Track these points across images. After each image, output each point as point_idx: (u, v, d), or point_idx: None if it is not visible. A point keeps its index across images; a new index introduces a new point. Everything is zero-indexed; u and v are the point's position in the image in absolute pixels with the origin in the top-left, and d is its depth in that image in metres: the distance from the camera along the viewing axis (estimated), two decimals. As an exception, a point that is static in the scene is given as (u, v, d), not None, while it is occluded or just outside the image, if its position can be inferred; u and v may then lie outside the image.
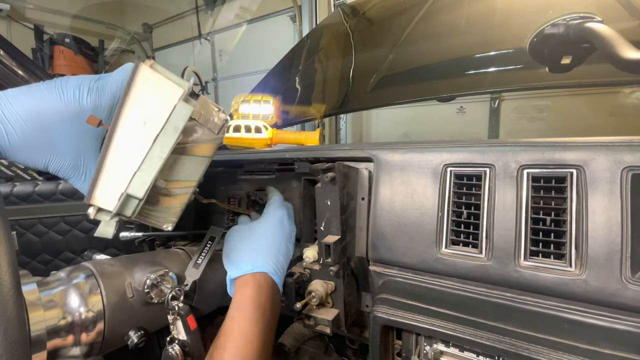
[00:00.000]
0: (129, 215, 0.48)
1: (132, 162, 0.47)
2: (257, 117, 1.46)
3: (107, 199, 0.47)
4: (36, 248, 1.02)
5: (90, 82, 0.50)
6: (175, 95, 0.48)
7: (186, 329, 0.57)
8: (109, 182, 0.47)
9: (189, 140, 0.54)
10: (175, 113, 0.47)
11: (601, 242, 0.45)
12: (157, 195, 0.53)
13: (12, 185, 0.99)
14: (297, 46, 1.95)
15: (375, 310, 0.55)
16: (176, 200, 0.55)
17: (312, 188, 0.68)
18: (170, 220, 0.55)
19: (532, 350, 0.42)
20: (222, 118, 0.56)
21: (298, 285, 0.67)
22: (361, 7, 1.76)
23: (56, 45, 4.93)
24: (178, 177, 0.54)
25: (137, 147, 0.47)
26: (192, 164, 0.55)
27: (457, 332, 0.47)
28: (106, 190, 0.47)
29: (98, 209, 0.48)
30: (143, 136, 0.47)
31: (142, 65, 0.47)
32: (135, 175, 0.47)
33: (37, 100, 0.48)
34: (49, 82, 0.50)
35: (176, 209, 0.55)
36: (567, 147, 0.50)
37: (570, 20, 1.02)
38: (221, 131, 0.56)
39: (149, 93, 0.47)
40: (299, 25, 3.92)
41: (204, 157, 0.56)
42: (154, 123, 0.47)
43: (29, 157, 0.50)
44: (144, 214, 0.53)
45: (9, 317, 0.32)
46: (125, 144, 0.47)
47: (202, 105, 0.54)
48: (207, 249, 0.59)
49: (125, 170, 0.47)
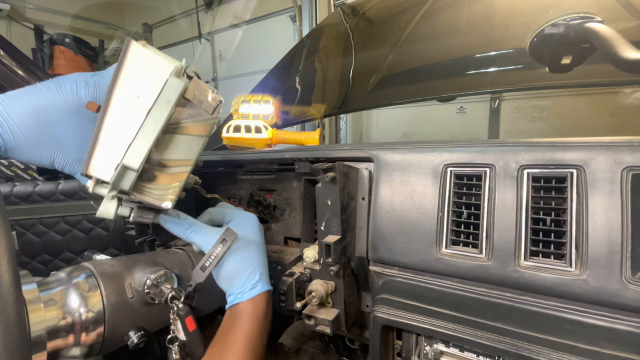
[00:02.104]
0: (126, 188, 0.49)
1: (127, 134, 0.48)
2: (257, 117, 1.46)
3: (104, 169, 0.48)
4: (36, 248, 1.02)
5: (86, 77, 0.52)
6: (167, 70, 0.50)
7: (185, 330, 0.57)
8: (105, 153, 0.48)
9: (184, 120, 0.55)
10: (167, 87, 0.49)
11: (601, 242, 0.45)
12: (155, 171, 0.54)
13: (12, 185, 0.99)
14: (297, 46, 1.95)
15: (375, 310, 0.55)
16: (174, 178, 0.56)
17: (312, 188, 0.68)
18: (169, 197, 0.55)
19: (532, 351, 0.42)
20: (216, 99, 0.57)
21: (298, 285, 0.67)
22: (361, 7, 1.76)
23: (56, 45, 4.93)
24: (176, 155, 0.55)
25: (131, 120, 0.49)
26: (188, 142, 0.56)
27: (457, 332, 0.47)
28: (102, 160, 0.48)
29: (96, 182, 0.49)
30: (137, 109, 0.49)
31: (134, 42, 0.49)
32: (130, 146, 0.48)
33: (37, 98, 0.50)
34: (46, 81, 0.52)
35: (175, 187, 0.56)
36: (567, 147, 0.50)
37: (571, 20, 1.02)
38: (216, 111, 0.58)
39: (141, 68, 0.49)
40: (299, 25, 3.92)
41: (200, 136, 0.57)
42: (147, 96, 0.49)
43: (35, 154, 0.51)
44: (142, 191, 0.53)
45: (9, 316, 0.32)
46: (119, 116, 0.49)
47: (196, 87, 0.55)
48: (217, 252, 0.59)
49: (121, 141, 0.48)
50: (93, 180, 0.49)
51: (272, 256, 0.76)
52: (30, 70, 0.97)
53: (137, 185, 0.51)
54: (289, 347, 0.88)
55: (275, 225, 0.85)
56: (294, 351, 0.90)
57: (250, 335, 0.57)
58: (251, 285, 0.60)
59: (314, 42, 1.89)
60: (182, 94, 0.51)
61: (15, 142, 0.49)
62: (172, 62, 0.50)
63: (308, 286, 0.64)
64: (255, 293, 0.60)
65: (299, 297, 0.67)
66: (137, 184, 0.51)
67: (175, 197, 0.56)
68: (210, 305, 0.71)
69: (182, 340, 0.58)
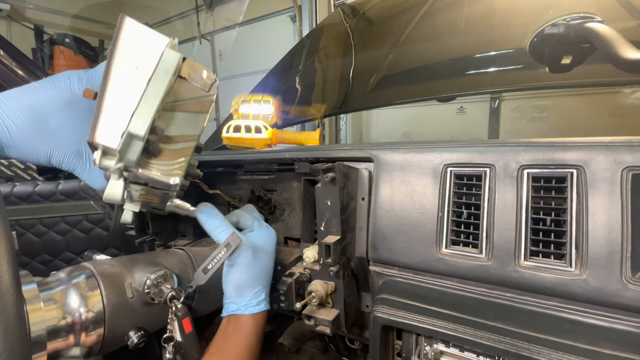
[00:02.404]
0: (133, 159, 0.49)
1: (130, 102, 0.49)
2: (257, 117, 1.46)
3: (110, 136, 0.49)
4: (36, 248, 1.02)
5: (79, 73, 0.54)
6: (162, 42, 0.51)
7: (181, 331, 0.57)
8: (110, 121, 0.49)
9: (183, 98, 0.56)
10: (164, 58, 0.50)
11: (601, 242, 0.45)
12: (159, 144, 0.54)
13: (12, 185, 0.99)
14: (297, 46, 1.95)
15: (375, 310, 0.55)
16: (179, 153, 0.56)
17: (312, 188, 0.68)
18: (176, 173, 0.55)
19: (532, 351, 0.42)
20: (210, 77, 0.58)
21: (298, 285, 0.67)
22: (361, 7, 1.76)
23: (56, 45, 4.93)
24: (179, 132, 0.56)
25: (132, 89, 0.50)
26: (189, 118, 0.57)
27: (457, 332, 0.47)
28: (108, 128, 0.49)
29: (102, 153, 0.49)
30: (137, 79, 0.50)
31: (127, 17, 0.50)
32: (134, 114, 0.48)
33: (31, 94, 0.51)
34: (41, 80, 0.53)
35: (181, 163, 0.55)
36: (567, 147, 0.50)
37: (571, 20, 1.02)
38: (211, 89, 0.59)
39: (136, 41, 0.51)
40: (299, 25, 3.92)
41: (200, 112, 0.58)
42: (145, 67, 0.50)
43: (31, 149, 0.51)
44: (147, 166, 0.53)
45: (9, 316, 0.32)
46: (120, 86, 0.50)
47: (190, 67, 0.56)
48: (221, 256, 0.59)
49: (124, 109, 0.49)
50: (100, 150, 0.49)
51: (272, 256, 0.76)
52: (30, 70, 0.97)
53: (143, 161, 0.52)
54: (289, 347, 0.89)
55: (275, 225, 0.85)
56: (294, 351, 0.90)
57: (249, 351, 0.58)
58: (257, 301, 0.62)
59: (314, 42, 1.89)
60: (178, 67, 0.52)
61: (11, 139, 0.50)
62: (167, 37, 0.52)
63: (308, 286, 0.64)
64: (258, 309, 0.61)
65: (299, 297, 0.67)
66: (142, 159, 0.51)
67: (182, 173, 0.55)
68: (209, 306, 0.71)
69: (178, 341, 0.58)
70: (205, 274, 0.59)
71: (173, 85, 0.53)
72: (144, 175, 0.52)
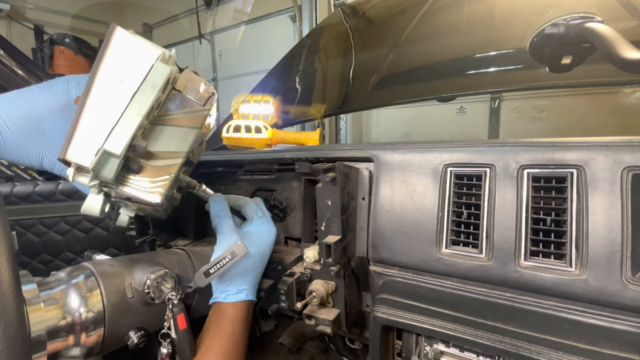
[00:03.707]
0: (109, 177, 0.47)
1: (109, 118, 0.46)
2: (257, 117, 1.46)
3: (83, 154, 0.46)
4: (36, 248, 1.02)
5: (78, 77, 0.54)
6: (153, 55, 0.48)
7: (175, 328, 0.57)
8: (85, 137, 0.46)
9: (175, 111, 0.54)
10: (153, 71, 0.48)
11: (601, 242, 0.45)
12: (140, 161, 0.51)
13: (12, 185, 0.99)
14: (297, 46, 1.95)
15: (375, 310, 0.55)
16: (163, 170, 0.53)
17: (312, 188, 0.68)
18: (157, 191, 0.52)
19: (532, 351, 0.42)
20: (208, 91, 0.56)
21: (299, 285, 0.67)
22: (361, 7, 1.76)
23: (56, 45, 4.93)
24: (165, 147, 0.53)
25: (114, 104, 0.47)
26: (178, 134, 0.54)
27: (457, 332, 0.47)
28: (82, 144, 0.46)
29: (76, 169, 0.47)
30: (120, 93, 0.47)
31: (118, 27, 0.48)
32: (112, 131, 0.46)
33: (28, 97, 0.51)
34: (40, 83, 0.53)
35: (164, 181, 0.53)
36: (567, 147, 0.50)
37: (571, 20, 1.02)
38: (208, 103, 0.56)
39: (126, 53, 0.48)
40: (299, 25, 3.92)
41: (191, 127, 0.55)
42: (132, 81, 0.47)
43: (23, 153, 0.51)
44: (127, 182, 0.51)
45: (8, 315, 0.32)
46: (102, 100, 0.47)
47: (188, 79, 0.54)
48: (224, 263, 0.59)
49: (102, 126, 0.46)
50: (73, 166, 0.46)
51: (273, 256, 0.76)
52: (30, 70, 0.97)
53: (122, 177, 0.49)
54: (289, 347, 0.89)
55: (276, 225, 0.85)
56: (294, 351, 0.90)
57: (229, 339, 0.59)
58: (237, 290, 0.62)
59: (314, 42, 1.89)
60: (169, 81, 0.50)
61: (4, 142, 0.50)
62: (159, 49, 0.49)
63: (308, 286, 0.64)
64: (237, 299, 0.62)
65: (300, 297, 0.67)
66: (122, 175, 0.49)
67: (164, 192, 0.52)
68: (208, 306, 0.71)
69: (173, 337, 0.58)
70: (207, 277, 0.59)
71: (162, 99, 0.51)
72: (123, 193, 0.50)
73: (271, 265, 0.74)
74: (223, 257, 0.58)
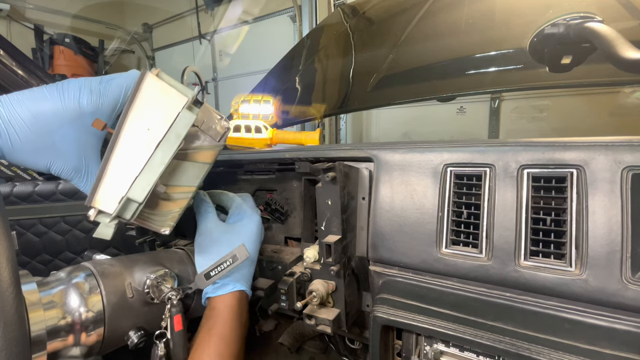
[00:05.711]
0: (128, 218, 0.49)
1: (134, 167, 0.48)
2: (257, 117, 1.46)
3: (108, 202, 0.48)
4: (36, 248, 1.02)
5: (92, 84, 0.51)
6: (180, 103, 0.49)
7: (171, 328, 0.57)
8: (111, 186, 0.48)
9: (191, 147, 0.55)
10: (178, 120, 0.49)
11: (601, 242, 0.45)
12: (157, 199, 0.54)
13: (12, 185, 0.99)
14: (297, 46, 1.95)
15: (375, 310, 0.55)
16: (175, 204, 0.56)
17: (312, 188, 0.68)
18: (168, 224, 0.56)
19: (532, 350, 0.42)
20: (224, 126, 0.57)
21: (299, 284, 0.67)
22: (361, 7, 1.76)
23: (56, 45, 4.93)
24: (178, 182, 0.56)
25: (139, 153, 0.48)
26: (192, 169, 0.56)
27: (457, 332, 0.47)
28: (107, 193, 0.48)
29: (98, 212, 0.49)
30: (146, 142, 0.48)
31: (149, 74, 0.49)
32: (136, 180, 0.48)
33: (38, 102, 0.49)
34: (52, 85, 0.50)
35: (174, 213, 0.57)
36: (567, 147, 0.50)
37: (570, 20, 1.02)
38: (222, 139, 0.58)
39: (154, 101, 0.49)
40: (299, 25, 3.92)
41: (205, 163, 0.57)
42: (157, 130, 0.48)
43: (31, 159, 0.51)
44: (143, 217, 0.54)
45: (8, 314, 0.32)
46: (128, 149, 0.48)
47: (205, 113, 0.55)
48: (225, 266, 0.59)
49: (127, 174, 0.48)
50: (95, 210, 0.49)
51: (273, 256, 0.76)
52: (30, 70, 0.97)
53: (138, 212, 0.51)
54: (289, 347, 0.89)
55: (276, 225, 0.85)
56: (294, 351, 0.90)
57: (223, 339, 0.58)
58: (221, 283, 0.62)
59: (314, 42, 1.89)
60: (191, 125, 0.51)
61: (13, 147, 0.48)
62: (185, 94, 0.50)
63: (309, 286, 0.64)
64: (223, 291, 0.62)
65: (300, 296, 0.67)
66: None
67: (173, 224, 0.57)
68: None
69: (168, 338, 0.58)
70: (208, 279, 0.59)
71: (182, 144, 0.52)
72: (137, 224, 0.54)
73: (271, 265, 0.74)
74: (224, 260, 0.59)
